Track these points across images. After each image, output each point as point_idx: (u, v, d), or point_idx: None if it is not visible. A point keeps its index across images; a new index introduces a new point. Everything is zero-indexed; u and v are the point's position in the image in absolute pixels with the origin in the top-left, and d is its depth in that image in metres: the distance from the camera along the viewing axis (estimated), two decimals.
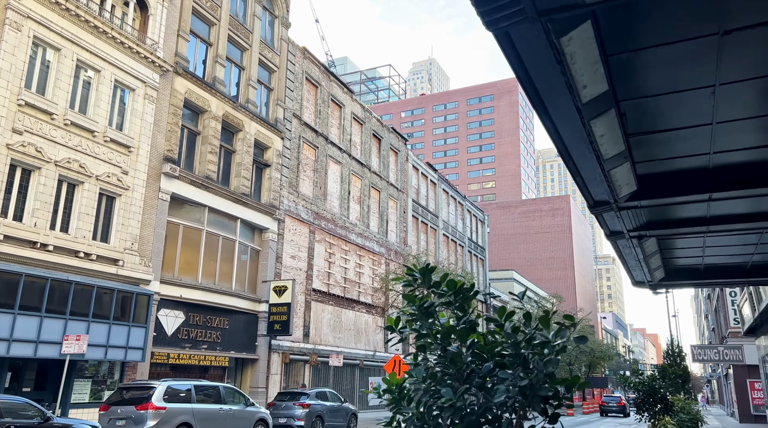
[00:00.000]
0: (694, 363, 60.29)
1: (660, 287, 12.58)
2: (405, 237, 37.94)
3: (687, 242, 9.85)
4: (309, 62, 29.24)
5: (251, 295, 23.77)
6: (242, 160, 23.57)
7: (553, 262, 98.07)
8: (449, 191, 47.23)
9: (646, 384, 12.58)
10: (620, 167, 6.30)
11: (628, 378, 13.59)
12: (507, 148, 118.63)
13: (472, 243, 51.35)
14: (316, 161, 29.16)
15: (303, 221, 27.41)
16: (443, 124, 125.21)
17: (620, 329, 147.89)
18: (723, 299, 35.30)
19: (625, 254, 9.90)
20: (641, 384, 12.63)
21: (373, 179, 34.71)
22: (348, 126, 32.49)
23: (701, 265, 11.54)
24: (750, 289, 18.01)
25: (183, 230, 20.73)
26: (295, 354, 25.59)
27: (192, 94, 21.22)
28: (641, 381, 12.75)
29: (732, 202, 7.49)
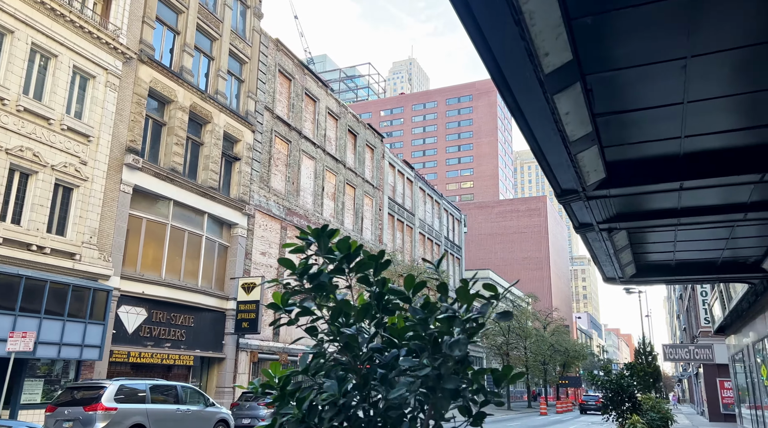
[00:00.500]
0: (666, 362, 61.01)
1: (631, 283, 12.32)
2: (380, 235, 37.50)
3: (658, 236, 9.57)
4: (282, 55, 28.61)
5: (219, 292, 23.08)
6: (210, 153, 22.88)
7: (530, 262, 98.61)
8: (426, 189, 46.92)
9: (613, 382, 12.29)
10: (588, 151, 5.93)
11: (595, 376, 13.33)
12: (485, 148, 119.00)
13: (449, 242, 51.13)
14: (289, 155, 28.54)
15: (274, 216, 26.78)
16: (422, 123, 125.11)
17: (595, 329, 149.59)
18: (694, 299, 35.57)
19: (596, 248, 9.58)
20: (609, 382, 12.35)
21: (348, 175, 34.19)
22: (323, 121, 31.93)
23: (672, 261, 11.30)
24: (720, 287, 17.94)
25: (146, 224, 19.97)
26: (264, 352, 24.96)
27: (157, 83, 20.48)
28: (609, 379, 12.46)
29: (703, 192, 7.18)
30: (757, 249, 10.33)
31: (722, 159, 6.32)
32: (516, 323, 47.49)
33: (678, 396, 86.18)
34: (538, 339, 51.53)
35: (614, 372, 13.21)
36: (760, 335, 15.51)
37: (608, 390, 12.44)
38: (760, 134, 5.94)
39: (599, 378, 12.76)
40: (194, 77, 22.65)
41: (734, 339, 21.86)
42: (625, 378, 12.44)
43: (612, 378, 12.42)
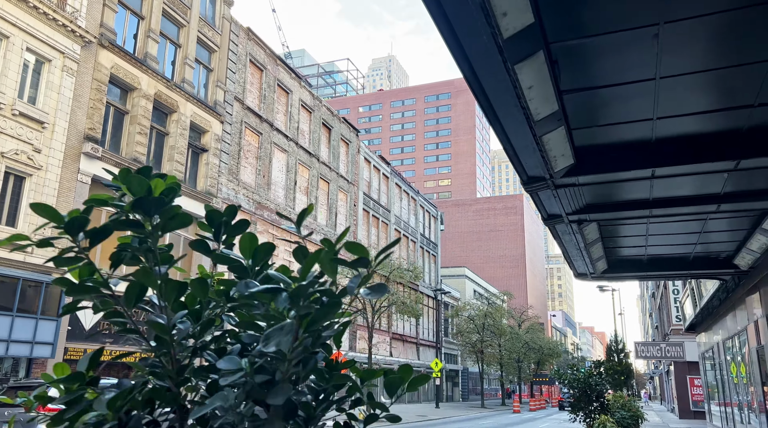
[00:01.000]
0: (638, 360, 61.49)
1: (603, 279, 12.02)
2: (355, 231, 36.96)
3: (630, 229, 9.23)
4: (254, 44, 27.86)
5: None
6: (176, 143, 22.09)
7: (506, 260, 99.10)
8: (402, 185, 46.51)
9: (581, 381, 11.92)
10: (555, 133, 5.49)
11: (562, 374, 12.95)
12: (463, 146, 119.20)
13: (425, 239, 50.82)
14: (260, 148, 27.83)
15: (243, 210, 26.05)
16: (400, 120, 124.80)
17: (569, 327, 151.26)
18: (666, 297, 35.81)
19: (566, 241, 9.20)
20: (576, 380, 11.96)
21: (322, 169, 33.58)
22: (296, 113, 31.25)
23: (644, 256, 11.00)
24: (692, 285, 17.84)
25: (106, 217, 19.14)
26: None
27: (119, 69, 19.64)
28: (576, 377, 12.07)
29: (676, 181, 6.82)
30: (729, 244, 10.08)
31: (696, 145, 5.95)
32: (491, 320, 47.42)
33: (650, 393, 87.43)
34: (512, 336, 51.58)
35: (584, 369, 12.80)
36: (730, 332, 15.39)
37: (576, 389, 12.03)
38: (734, 118, 5.58)
39: (566, 375, 12.35)
40: (159, 65, 21.83)
41: (705, 336, 21.87)
42: (594, 376, 12.06)
43: (580, 377, 12.02)
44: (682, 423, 28.88)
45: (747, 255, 10.10)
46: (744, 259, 10.36)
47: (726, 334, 16.12)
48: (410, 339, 44.75)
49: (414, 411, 34.80)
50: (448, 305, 54.47)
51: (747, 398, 14.89)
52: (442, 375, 50.06)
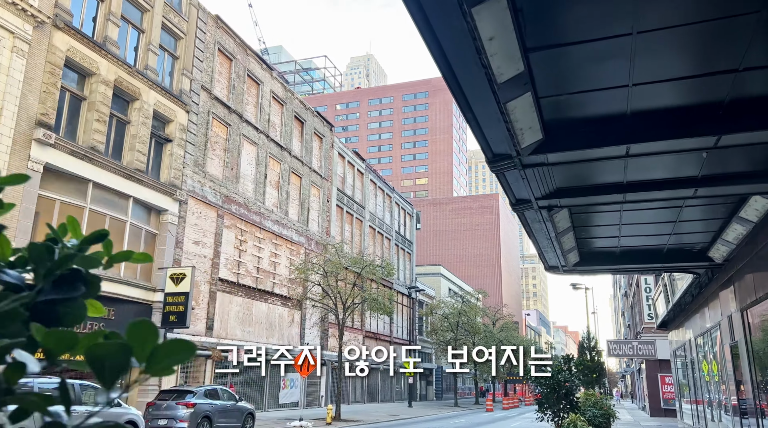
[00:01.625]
0: (610, 358, 62.03)
1: (575, 272, 11.58)
2: (328, 227, 36.26)
3: (603, 218, 8.77)
4: (223, 33, 26.97)
5: (144, 283, 21.40)
6: (138, 132, 21.15)
7: (481, 259, 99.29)
8: (377, 182, 45.93)
9: (549, 377, 11.42)
10: (521, 101, 4.94)
11: (529, 370, 12.44)
12: (440, 145, 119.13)
13: (400, 237, 50.32)
14: (228, 140, 26.96)
15: (210, 204, 25.18)
16: (378, 118, 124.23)
17: (544, 326, 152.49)
18: (638, 296, 35.90)
19: (535, 230, 8.70)
20: (544, 377, 11.47)
21: (294, 163, 32.79)
22: (266, 105, 30.42)
23: (617, 248, 10.58)
24: (665, 281, 17.60)
25: (60, 206, 18.15)
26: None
27: (76, 53, 18.66)
28: (545, 373, 11.60)
29: (652, 161, 6.34)
30: (704, 235, 9.71)
31: (673, 119, 5.46)
32: (465, 318, 47.12)
33: (621, 391, 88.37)
34: (486, 335, 51.36)
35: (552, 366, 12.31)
36: (702, 329, 15.14)
37: (544, 386, 11.53)
38: (716, 87, 5.11)
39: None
40: (121, 50, 20.86)
41: (676, 334, 21.74)
42: (563, 372, 11.53)
43: (548, 373, 11.53)
44: (653, 421, 28.85)
45: (722, 247, 9.73)
46: (719, 251, 10.00)
47: (698, 331, 15.89)
48: (384, 337, 44.18)
49: (386, 410, 34.25)
50: (423, 303, 54.07)
51: (719, 396, 14.66)
52: (415, 374, 49.61)
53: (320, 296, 27.57)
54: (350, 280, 28.55)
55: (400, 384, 46.93)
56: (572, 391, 11.82)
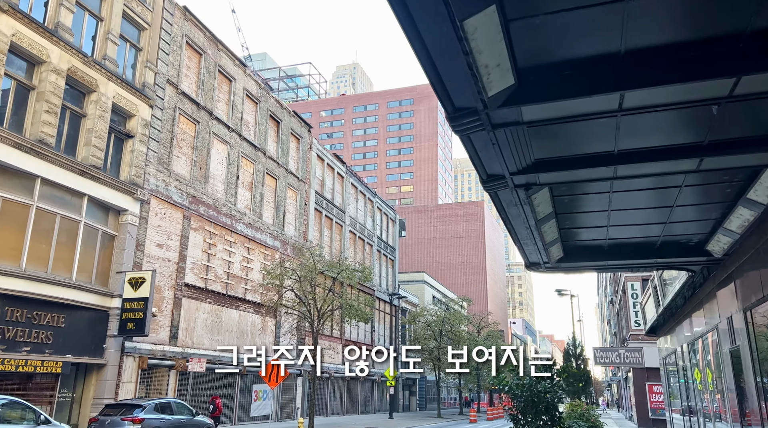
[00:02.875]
0: (596, 367, 60.98)
1: (558, 269, 10.39)
2: (305, 231, 34.90)
3: (589, 202, 7.60)
4: (191, 25, 25.68)
5: (100, 288, 19.89)
6: (94, 126, 19.72)
7: (466, 267, 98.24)
8: (358, 186, 44.69)
9: (526, 388, 9.99)
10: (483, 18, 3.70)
11: (503, 379, 10.93)
12: (425, 153, 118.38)
13: (382, 242, 49.05)
14: (197, 137, 25.58)
15: (175, 204, 23.75)
16: (363, 125, 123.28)
17: (530, 334, 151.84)
18: (625, 302, 34.96)
19: (512, 216, 7.49)
20: (521, 387, 10.01)
21: (269, 164, 31.45)
22: (239, 103, 29.11)
23: (605, 241, 9.42)
24: (655, 283, 16.50)
25: (2, 203, 16.65)
26: (157, 358, 21.85)
27: (23, 39, 17.25)
28: (521, 383, 10.12)
29: (649, 121, 5.17)
30: (703, 224, 8.58)
31: (678, 57, 4.29)
32: (449, 326, 45.87)
33: (607, 401, 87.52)
34: (471, 343, 50.13)
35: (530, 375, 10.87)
36: (696, 334, 14.04)
37: (520, 399, 10.11)
38: (734, 10, 3.95)
39: (507, 382, 10.38)
40: (76, 38, 19.47)
41: (666, 340, 20.67)
42: (543, 381, 10.12)
43: (524, 383, 10.08)
44: None
45: (723, 238, 8.61)
46: (719, 243, 8.88)
47: (691, 336, 14.79)
48: (365, 346, 42.73)
49: (364, 421, 32.81)
50: (406, 311, 52.74)
51: (713, 405, 13.54)
52: (398, 384, 48.20)
53: (294, 302, 26.20)
54: (326, 285, 27.22)
55: (382, 395, 45.45)
56: (554, 404, 10.40)
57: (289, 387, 31.60)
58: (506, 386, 10.28)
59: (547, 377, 9.98)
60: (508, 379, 10.23)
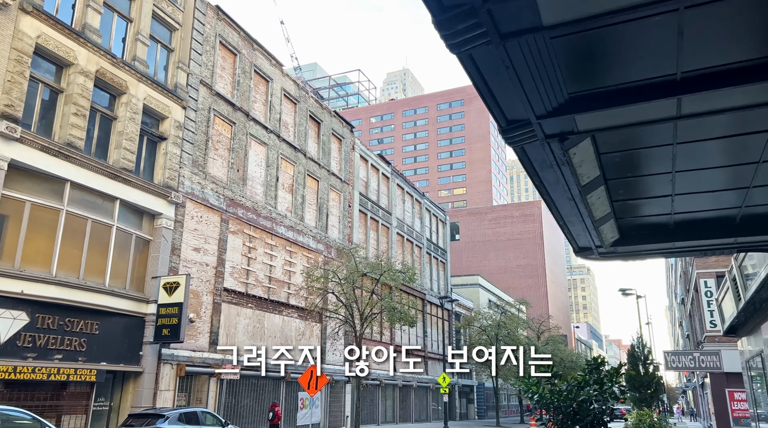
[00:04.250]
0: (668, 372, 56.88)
1: (614, 255, 8.74)
2: (350, 234, 33.91)
3: (647, 158, 6.01)
4: (225, 25, 25.23)
5: (135, 294, 19.45)
6: (125, 128, 19.37)
7: (525, 270, 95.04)
8: (405, 186, 43.41)
9: (564, 395, 7.82)
10: None
11: (531, 385, 8.74)
12: (477, 154, 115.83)
13: (432, 244, 47.51)
14: (233, 139, 25.04)
15: (211, 207, 23.20)
16: (413, 129, 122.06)
17: (595, 339, 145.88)
18: (698, 302, 32.02)
19: (550, 185, 6.03)
20: (556, 394, 7.92)
21: (310, 166, 30.68)
22: (277, 104, 28.48)
23: (671, 216, 7.73)
24: (734, 274, 14.34)
25: (31, 208, 16.38)
26: (196, 365, 21.24)
27: (49, 40, 17.02)
28: (556, 389, 8.04)
29: (724, 26, 3.66)
30: None
31: None
32: (505, 331, 43.76)
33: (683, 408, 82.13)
34: (530, 348, 47.72)
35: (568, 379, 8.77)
36: None
37: (557, 410, 8.08)
38: None
39: (535, 389, 8.34)
40: (105, 40, 19.20)
41: (749, 341, 18.24)
42: (587, 388, 8.06)
43: (561, 389, 8.04)
44: None
45: None
46: None
47: None
48: (417, 353, 41.27)
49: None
50: (460, 315, 50.91)
51: None
52: (453, 391, 46.41)
53: (336, 306, 25.15)
54: (372, 288, 26.04)
55: (437, 402, 43.76)
56: (601, 417, 8.25)
57: (337, 394, 30.58)
58: (536, 393, 8.36)
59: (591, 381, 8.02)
60: (540, 386, 8.30)
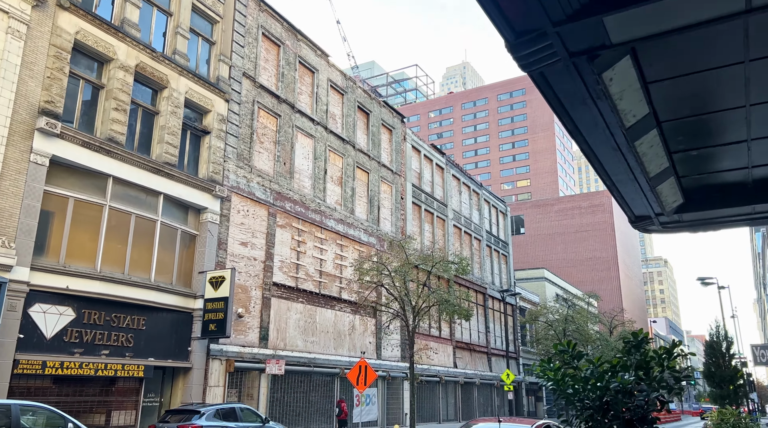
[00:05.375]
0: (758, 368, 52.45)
1: (680, 226, 7.30)
2: (403, 226, 32.98)
3: (709, 88, 4.70)
4: (267, 16, 24.88)
5: (182, 289, 19.34)
6: (167, 122, 19.28)
7: (595, 262, 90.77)
8: (461, 177, 41.99)
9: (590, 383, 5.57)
10: None
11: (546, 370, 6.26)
12: (541, 143, 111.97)
13: (492, 237, 45.82)
14: (279, 132, 24.66)
15: (258, 201, 22.88)
16: (473, 122, 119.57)
17: (675, 334, 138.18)
18: None
19: (585, 128, 4.85)
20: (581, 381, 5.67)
21: (360, 158, 29.98)
22: (323, 95, 27.93)
23: (748, 171, 6.28)
24: None
25: (74, 204, 16.46)
26: (245, 361, 20.95)
27: (87, 36, 17.07)
28: (580, 376, 5.83)
29: None
30: None
31: None
32: (573, 325, 41.50)
33: None
34: (602, 344, 45.11)
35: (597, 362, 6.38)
36: None
37: (581, 405, 5.90)
38: None
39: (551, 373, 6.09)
40: (146, 35, 19.18)
41: None
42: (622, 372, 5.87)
43: (588, 379, 5.86)
44: None
45: None
46: None
47: None
48: (479, 348, 39.84)
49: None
50: (524, 310, 48.92)
51: None
52: (520, 389, 44.59)
53: (388, 299, 24.30)
54: (428, 281, 24.98)
55: (502, 400, 42.12)
56: (647, 415, 5.68)
57: (394, 391, 29.74)
58: (551, 379, 6.25)
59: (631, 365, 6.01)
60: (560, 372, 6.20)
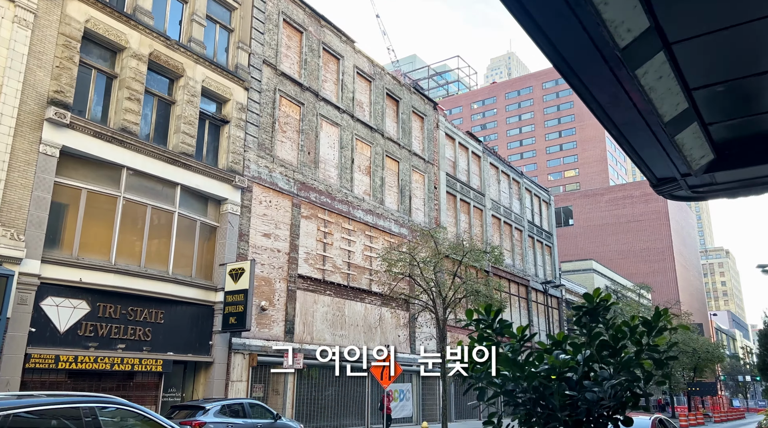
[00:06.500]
0: None
1: (713, 190, 5.98)
2: (437, 217, 31.87)
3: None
4: (288, 2, 24.23)
5: (202, 282, 18.95)
6: (183, 112, 18.88)
7: (649, 253, 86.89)
8: (499, 165, 40.45)
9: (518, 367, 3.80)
10: None
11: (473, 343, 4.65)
12: (590, 131, 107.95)
13: (534, 227, 44.05)
14: (302, 120, 24.01)
15: (281, 191, 22.30)
16: (517, 112, 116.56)
17: (739, 329, 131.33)
18: None
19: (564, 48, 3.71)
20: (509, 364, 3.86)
21: (389, 146, 29.04)
22: (349, 82, 27.12)
23: None
24: None
25: (87, 196, 16.23)
26: (269, 355, 20.41)
27: (98, 24, 16.79)
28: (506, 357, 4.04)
29: None
30: None
31: None
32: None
33: None
34: None
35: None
36: None
37: (512, 400, 4.17)
38: None
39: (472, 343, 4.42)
40: (157, 22, 18.82)
41: None
42: (579, 352, 3.80)
43: (511, 357, 3.77)
44: None
45: None
46: None
47: None
48: None
49: None
50: (571, 303, 46.89)
51: None
52: None
53: (418, 291, 23.30)
54: (461, 272, 23.85)
55: None
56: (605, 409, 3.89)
57: (430, 386, 28.75)
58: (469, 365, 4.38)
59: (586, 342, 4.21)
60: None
